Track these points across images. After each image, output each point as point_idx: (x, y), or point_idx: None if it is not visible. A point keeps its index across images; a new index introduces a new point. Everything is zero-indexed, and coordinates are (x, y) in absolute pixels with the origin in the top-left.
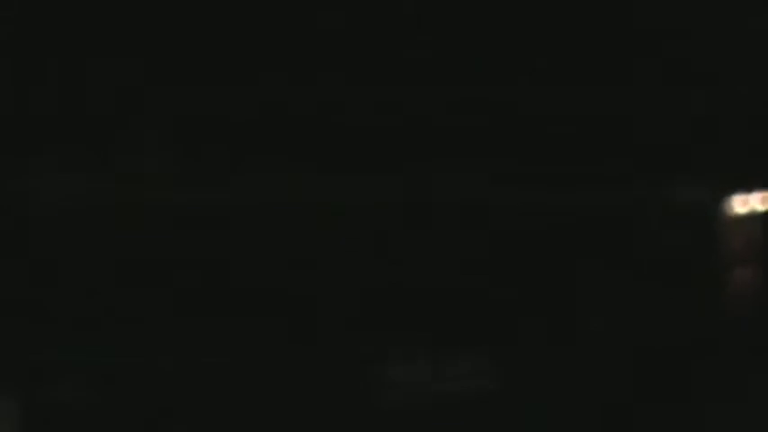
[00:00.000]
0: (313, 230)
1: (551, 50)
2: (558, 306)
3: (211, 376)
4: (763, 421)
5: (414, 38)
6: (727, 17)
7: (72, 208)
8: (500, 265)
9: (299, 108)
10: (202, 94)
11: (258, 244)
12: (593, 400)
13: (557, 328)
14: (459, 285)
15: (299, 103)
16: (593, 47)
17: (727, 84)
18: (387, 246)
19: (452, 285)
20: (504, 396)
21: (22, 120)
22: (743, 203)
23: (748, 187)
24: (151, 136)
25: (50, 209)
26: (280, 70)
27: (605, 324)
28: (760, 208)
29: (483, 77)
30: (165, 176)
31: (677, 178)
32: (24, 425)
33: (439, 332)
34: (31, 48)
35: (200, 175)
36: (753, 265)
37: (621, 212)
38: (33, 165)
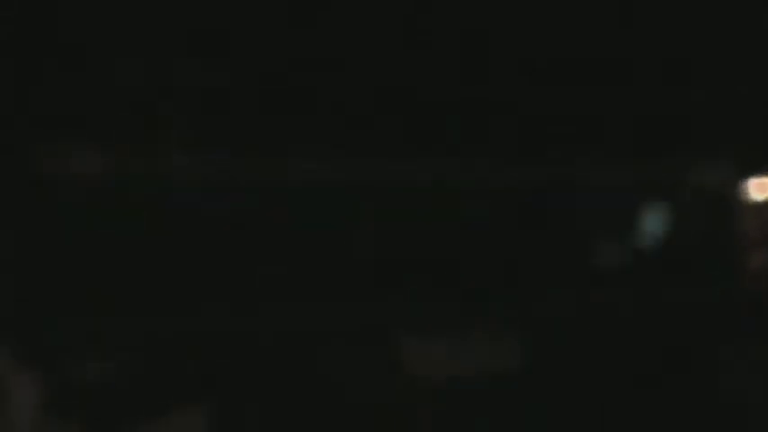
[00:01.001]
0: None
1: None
2: (579, 284)
3: (236, 346)
4: None
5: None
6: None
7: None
8: (523, 242)
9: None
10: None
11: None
12: (616, 378)
13: (579, 306)
14: (481, 261)
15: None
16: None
17: (744, 67)
18: (406, 222)
19: (474, 261)
20: (525, 374)
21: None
22: (759, 187)
23: (765, 171)
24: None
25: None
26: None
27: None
28: None
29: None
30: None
31: (694, 161)
32: (46, 401)
33: (459, 309)
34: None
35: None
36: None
37: (640, 194)
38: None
